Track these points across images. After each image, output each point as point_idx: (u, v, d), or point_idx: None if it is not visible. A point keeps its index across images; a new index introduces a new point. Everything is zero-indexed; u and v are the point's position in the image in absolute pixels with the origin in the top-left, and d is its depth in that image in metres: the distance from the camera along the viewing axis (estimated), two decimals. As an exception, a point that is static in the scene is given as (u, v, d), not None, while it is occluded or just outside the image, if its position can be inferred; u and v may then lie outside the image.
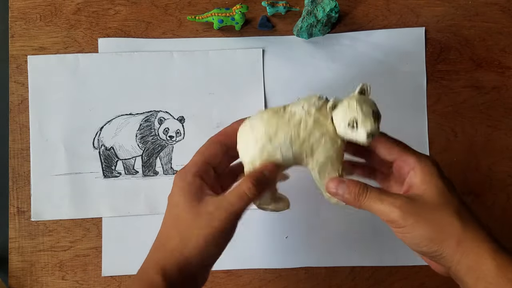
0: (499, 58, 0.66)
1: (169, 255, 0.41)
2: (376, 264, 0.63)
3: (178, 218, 0.42)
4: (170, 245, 0.41)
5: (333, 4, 0.60)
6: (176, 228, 0.42)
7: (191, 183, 0.42)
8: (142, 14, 0.65)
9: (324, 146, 0.42)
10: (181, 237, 0.41)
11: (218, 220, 0.40)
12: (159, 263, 0.41)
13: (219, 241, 0.41)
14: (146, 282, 0.40)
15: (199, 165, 0.43)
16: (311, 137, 0.42)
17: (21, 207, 0.63)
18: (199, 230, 0.40)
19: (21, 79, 0.64)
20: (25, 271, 0.63)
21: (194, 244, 0.40)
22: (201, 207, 0.41)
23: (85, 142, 0.64)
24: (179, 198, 0.42)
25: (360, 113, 0.40)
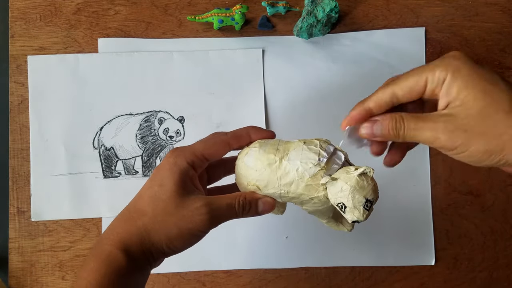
0: (499, 58, 0.66)
1: (135, 231, 0.39)
2: (376, 264, 0.63)
3: (159, 199, 0.40)
4: (140, 221, 0.40)
5: (333, 4, 0.60)
6: (153, 208, 0.40)
7: (184, 171, 0.41)
8: (142, 14, 0.65)
9: (314, 204, 0.42)
10: (156, 219, 0.39)
11: (200, 219, 0.39)
12: (123, 236, 0.39)
13: (192, 239, 0.41)
14: (105, 254, 0.39)
15: (198, 156, 0.42)
16: (301, 197, 0.41)
17: (21, 207, 0.63)
18: (178, 220, 0.39)
19: (21, 79, 0.64)
20: (25, 271, 0.63)
21: (165, 230, 0.39)
22: (187, 200, 0.40)
23: (85, 142, 0.64)
24: (167, 180, 0.40)
25: (351, 202, 0.38)
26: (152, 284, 0.63)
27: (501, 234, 0.64)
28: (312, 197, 0.41)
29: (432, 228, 0.63)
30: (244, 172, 0.43)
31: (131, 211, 0.41)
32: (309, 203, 0.42)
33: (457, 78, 0.35)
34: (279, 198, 0.43)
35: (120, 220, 0.41)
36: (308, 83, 0.65)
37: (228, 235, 0.63)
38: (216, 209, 0.40)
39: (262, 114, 0.64)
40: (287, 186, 0.41)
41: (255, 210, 0.42)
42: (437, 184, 0.64)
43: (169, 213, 0.39)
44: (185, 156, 0.41)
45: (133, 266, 0.39)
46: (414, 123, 0.36)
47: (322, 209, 0.42)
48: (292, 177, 0.40)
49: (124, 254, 0.39)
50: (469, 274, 0.64)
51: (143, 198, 0.41)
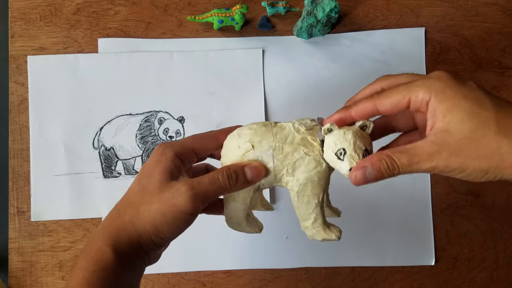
0: (499, 59, 0.66)
1: (122, 225, 0.39)
2: (376, 265, 0.63)
3: (144, 189, 0.40)
4: (126, 215, 0.39)
5: (333, 4, 0.60)
6: (139, 200, 0.39)
7: (170, 160, 0.40)
8: (142, 14, 0.65)
9: (307, 166, 0.40)
10: (140, 210, 0.39)
11: (181, 199, 0.38)
12: (111, 233, 0.39)
13: (178, 223, 0.39)
14: (94, 252, 0.38)
15: (186, 149, 0.41)
16: (295, 154, 0.40)
17: (21, 207, 0.63)
18: (159, 205, 0.38)
19: (21, 79, 0.64)
20: (25, 271, 0.63)
21: (149, 218, 0.38)
22: (172, 183, 0.39)
23: (85, 142, 0.64)
24: (153, 170, 0.40)
25: (352, 147, 0.38)
26: (152, 284, 0.63)
27: (501, 234, 0.64)
28: (307, 151, 0.40)
29: (432, 228, 0.63)
30: (235, 142, 0.41)
31: (118, 206, 0.41)
32: (301, 166, 0.40)
33: (442, 101, 0.35)
34: (271, 160, 0.40)
35: (109, 216, 0.41)
36: (308, 83, 0.65)
37: (228, 235, 0.63)
38: (198, 186, 0.39)
39: (262, 114, 0.64)
40: (282, 140, 0.40)
41: (244, 178, 0.40)
42: (437, 184, 0.64)
43: (151, 200, 0.39)
44: (172, 148, 0.41)
45: (123, 262, 0.38)
46: (407, 159, 0.36)
47: (314, 176, 0.40)
48: (288, 130, 0.40)
49: (112, 250, 0.38)
50: (469, 274, 0.64)
51: (131, 192, 0.41)
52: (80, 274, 0.38)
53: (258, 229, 0.46)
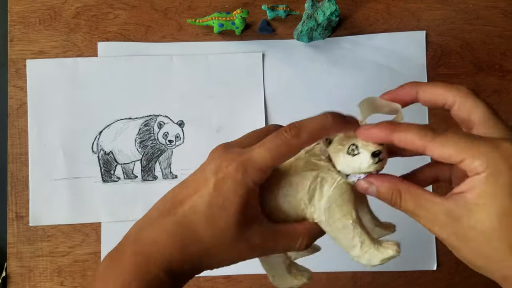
0: (500, 62, 0.65)
1: (189, 259, 0.34)
2: (377, 269, 0.63)
3: (217, 225, 0.34)
4: (194, 248, 0.34)
5: (333, 7, 0.60)
6: (211, 236, 0.34)
7: (250, 194, 0.34)
8: (142, 18, 0.65)
9: (322, 188, 0.35)
10: (211, 251, 0.35)
11: (253, 255, 0.36)
12: (174, 262, 0.34)
13: (236, 264, 0.37)
14: (151, 277, 0.34)
15: (265, 171, 0.34)
16: (305, 181, 0.35)
17: (20, 212, 0.63)
18: (233, 254, 0.35)
19: (20, 83, 0.64)
20: (24, 276, 0.62)
21: (220, 261, 0.36)
22: (247, 233, 0.34)
23: (84, 147, 0.63)
24: (231, 203, 0.33)
25: (360, 140, 0.34)
26: (152, 289, 0.62)
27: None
28: (316, 173, 0.35)
29: (434, 233, 0.63)
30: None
31: (182, 231, 0.34)
32: (317, 191, 0.35)
33: (493, 184, 0.29)
34: (285, 200, 0.36)
35: (169, 237, 0.34)
36: (309, 87, 0.64)
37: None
38: (271, 248, 0.36)
39: (262, 118, 0.64)
40: (285, 173, 0.36)
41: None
42: (439, 188, 0.64)
43: (226, 246, 0.34)
44: (253, 175, 0.33)
45: (175, 286, 0.35)
46: (414, 207, 0.33)
47: (334, 195, 0.34)
48: (289, 162, 0.36)
49: (173, 282, 0.34)
50: (471, 279, 0.63)
51: (197, 214, 0.34)
52: None
53: (306, 278, 0.40)
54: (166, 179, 0.63)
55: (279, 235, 0.35)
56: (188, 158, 0.63)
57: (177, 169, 0.63)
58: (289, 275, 0.39)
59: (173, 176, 0.63)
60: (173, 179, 0.63)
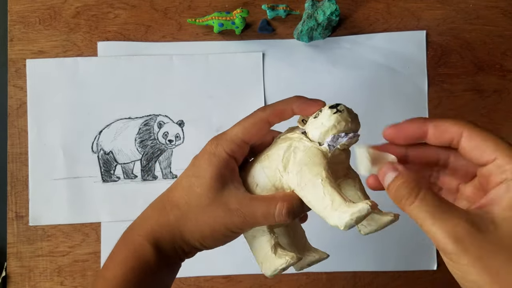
0: (500, 61, 0.65)
1: (166, 224, 0.37)
2: (377, 269, 0.63)
3: (194, 192, 0.37)
4: (172, 215, 0.37)
5: (333, 7, 0.60)
6: (187, 202, 0.37)
7: (223, 163, 0.37)
8: (142, 17, 0.65)
9: (295, 155, 0.35)
10: (188, 216, 0.37)
11: (232, 223, 0.36)
12: (154, 229, 0.37)
13: (224, 239, 0.38)
14: (134, 246, 0.37)
15: (238, 143, 0.38)
16: (279, 151, 0.36)
17: (20, 212, 0.63)
18: (211, 220, 0.36)
19: (20, 83, 0.64)
20: (24, 276, 0.62)
21: (197, 227, 0.37)
22: (223, 197, 0.36)
23: (84, 146, 0.63)
24: (205, 172, 0.37)
25: (326, 106, 0.35)
26: (152, 289, 0.62)
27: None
28: (289, 143, 0.36)
29: (434, 233, 0.63)
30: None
31: (164, 201, 0.39)
32: (290, 159, 0.36)
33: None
34: (262, 173, 0.37)
35: (153, 209, 0.39)
36: (309, 86, 0.64)
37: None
38: (250, 215, 0.36)
39: (262, 118, 0.64)
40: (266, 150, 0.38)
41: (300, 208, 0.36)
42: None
43: (202, 209, 0.37)
44: (224, 145, 0.37)
45: (162, 261, 0.37)
46: (431, 206, 0.30)
47: (305, 160, 0.35)
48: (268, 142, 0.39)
49: (154, 249, 0.37)
50: (471, 279, 0.63)
51: (177, 188, 0.39)
52: (118, 267, 0.37)
53: (290, 257, 0.37)
54: (166, 179, 0.63)
55: (257, 201, 0.36)
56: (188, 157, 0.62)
57: (177, 169, 0.63)
58: (274, 255, 0.37)
59: (173, 176, 0.63)
60: (173, 178, 0.63)
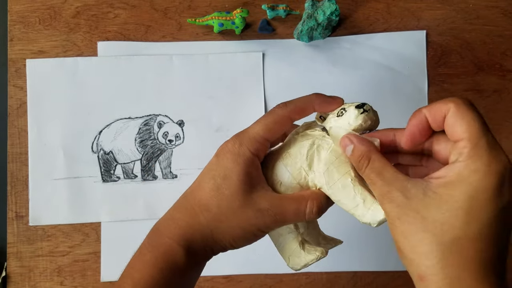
0: (500, 61, 0.65)
1: (198, 227, 0.37)
2: (378, 269, 0.63)
3: (223, 194, 0.37)
4: (203, 217, 0.37)
5: (333, 7, 0.60)
6: (217, 205, 0.37)
7: (249, 162, 0.37)
8: (142, 17, 0.65)
9: (319, 153, 0.36)
10: (220, 218, 0.37)
11: (263, 223, 0.36)
12: (184, 231, 0.37)
13: (254, 238, 0.38)
14: (164, 248, 0.37)
15: (261, 142, 0.37)
16: (302, 150, 0.37)
17: (20, 211, 0.63)
18: (242, 222, 0.36)
19: (20, 83, 0.64)
20: (24, 276, 0.62)
21: (229, 230, 0.37)
22: (253, 198, 0.36)
23: (84, 146, 0.63)
24: (231, 172, 0.37)
25: (348, 103, 0.37)
26: (152, 289, 0.62)
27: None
28: (312, 141, 0.37)
29: (434, 233, 0.63)
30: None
31: (191, 203, 0.38)
32: (314, 157, 0.36)
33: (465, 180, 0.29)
34: (286, 172, 0.38)
35: (181, 211, 0.39)
36: (309, 86, 0.64)
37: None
38: (281, 213, 0.37)
39: (262, 118, 0.64)
40: (285, 147, 0.38)
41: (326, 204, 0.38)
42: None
43: (233, 212, 0.37)
44: (248, 144, 0.37)
45: (192, 262, 0.37)
46: (376, 172, 0.33)
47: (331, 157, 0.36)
48: (288, 138, 0.39)
49: (185, 251, 0.37)
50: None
51: (204, 190, 0.38)
52: (146, 268, 0.36)
53: (320, 252, 0.39)
54: (166, 179, 0.63)
55: (287, 200, 0.37)
56: (188, 157, 0.63)
57: (177, 169, 0.63)
58: (303, 251, 0.39)
59: (173, 176, 0.63)
60: (173, 178, 0.63)
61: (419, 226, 0.30)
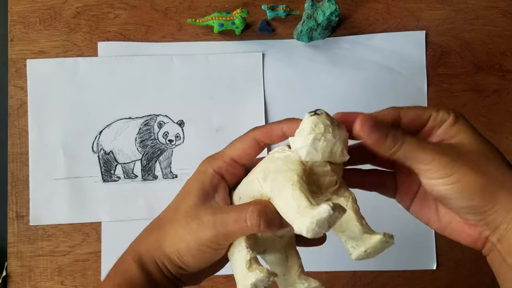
0: (500, 62, 0.65)
1: (147, 244, 0.38)
2: (377, 269, 0.63)
3: (177, 209, 0.37)
4: (152, 234, 0.38)
5: (333, 7, 0.60)
6: (170, 219, 0.37)
7: (208, 179, 0.37)
8: (142, 18, 0.65)
9: (275, 164, 0.34)
10: (168, 231, 0.37)
11: (205, 233, 0.34)
12: (139, 250, 0.38)
13: (201, 254, 0.36)
14: (124, 267, 0.38)
15: (227, 161, 0.37)
16: (262, 164, 0.35)
17: (20, 211, 0.63)
18: (184, 232, 0.35)
19: (20, 83, 0.64)
20: (24, 276, 0.62)
21: (173, 242, 0.36)
22: (201, 210, 0.35)
23: (84, 146, 0.63)
24: (190, 189, 0.37)
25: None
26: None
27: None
28: (271, 156, 0.35)
29: (434, 232, 0.63)
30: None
31: (153, 223, 0.39)
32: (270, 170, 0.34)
33: (461, 123, 0.35)
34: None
35: (145, 229, 0.40)
36: (308, 87, 0.64)
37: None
38: (221, 223, 0.34)
39: (262, 118, 0.64)
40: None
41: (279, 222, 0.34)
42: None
43: (178, 224, 0.36)
44: (212, 163, 0.37)
45: (151, 282, 0.37)
46: (415, 141, 0.33)
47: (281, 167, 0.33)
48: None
49: (140, 269, 0.37)
50: (471, 279, 0.63)
51: (167, 207, 0.39)
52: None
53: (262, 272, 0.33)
54: (166, 179, 0.63)
55: (229, 209, 0.35)
56: (188, 157, 0.63)
57: (177, 169, 0.63)
58: (247, 270, 0.34)
59: (173, 176, 0.63)
60: (173, 178, 0.63)
61: (466, 164, 0.33)
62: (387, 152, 0.33)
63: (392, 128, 0.33)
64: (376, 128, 0.33)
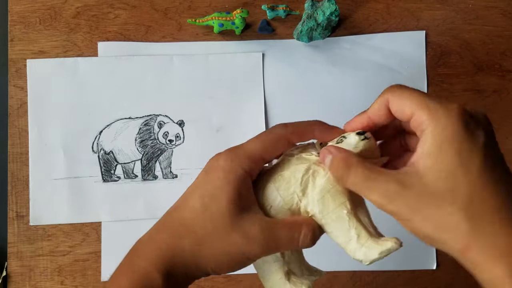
0: (500, 62, 0.65)
1: (180, 252, 0.34)
2: (377, 269, 0.63)
3: (209, 216, 0.33)
4: (187, 241, 0.34)
5: (333, 7, 0.60)
6: (202, 227, 0.33)
7: (240, 181, 0.34)
8: (142, 18, 0.65)
9: (314, 179, 0.34)
10: (205, 242, 0.33)
11: (251, 251, 0.33)
12: (164, 256, 0.34)
13: (241, 265, 0.35)
14: (141, 275, 0.33)
15: (256, 161, 0.34)
16: (297, 174, 0.34)
17: (20, 211, 0.63)
18: (229, 247, 0.33)
19: (20, 83, 0.64)
20: (24, 276, 0.62)
21: (214, 256, 0.34)
22: (242, 222, 0.33)
23: (84, 146, 0.63)
24: (221, 191, 0.33)
25: (348, 133, 0.35)
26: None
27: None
28: (308, 166, 0.35)
29: (434, 232, 0.63)
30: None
31: (175, 223, 0.35)
32: (309, 183, 0.34)
33: (436, 140, 0.30)
34: (277, 196, 0.35)
35: (163, 231, 0.35)
36: (308, 87, 0.64)
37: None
38: (273, 240, 0.33)
39: (262, 118, 0.64)
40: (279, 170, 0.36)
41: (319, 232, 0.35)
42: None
43: (219, 236, 0.33)
44: (241, 162, 0.34)
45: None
46: (364, 177, 0.31)
47: (327, 185, 0.34)
48: (281, 159, 0.37)
49: (163, 277, 0.33)
50: (471, 279, 0.63)
51: (190, 209, 0.34)
52: None
53: (306, 285, 0.36)
54: (166, 179, 0.63)
55: (280, 226, 0.34)
56: (188, 157, 0.63)
57: (177, 169, 0.63)
58: (288, 283, 0.36)
59: (173, 176, 0.63)
60: (173, 178, 0.63)
61: (435, 206, 0.29)
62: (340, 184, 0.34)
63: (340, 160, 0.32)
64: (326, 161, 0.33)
